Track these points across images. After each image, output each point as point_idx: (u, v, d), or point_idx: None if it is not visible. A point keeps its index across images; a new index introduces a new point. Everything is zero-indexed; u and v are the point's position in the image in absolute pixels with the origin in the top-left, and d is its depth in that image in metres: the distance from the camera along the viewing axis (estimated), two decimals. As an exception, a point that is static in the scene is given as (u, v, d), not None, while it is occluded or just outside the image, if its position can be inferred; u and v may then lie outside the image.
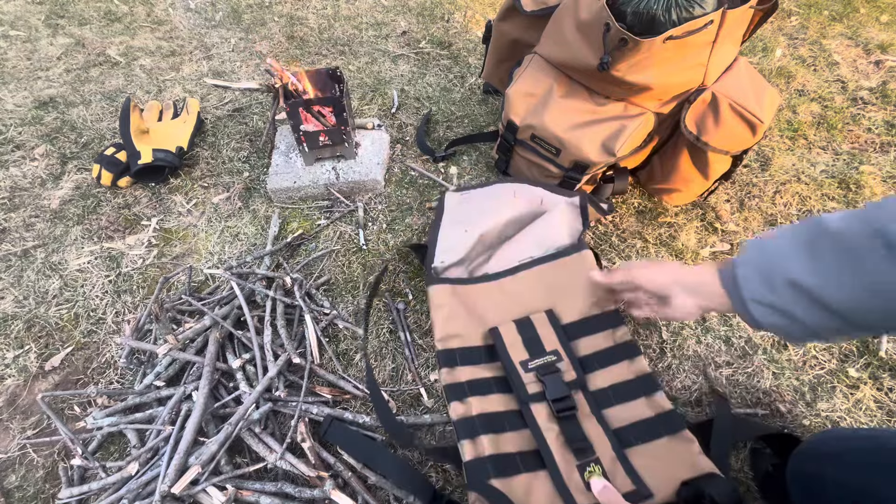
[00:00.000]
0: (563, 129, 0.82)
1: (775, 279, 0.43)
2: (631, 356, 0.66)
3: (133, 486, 0.60)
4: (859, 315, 0.40)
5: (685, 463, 0.57)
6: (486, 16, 1.50)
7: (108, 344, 0.80)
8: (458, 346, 0.70)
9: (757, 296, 0.44)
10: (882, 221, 0.38)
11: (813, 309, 0.41)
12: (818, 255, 0.41)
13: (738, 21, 0.71)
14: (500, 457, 0.59)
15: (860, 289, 0.39)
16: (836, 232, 0.40)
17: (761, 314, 0.44)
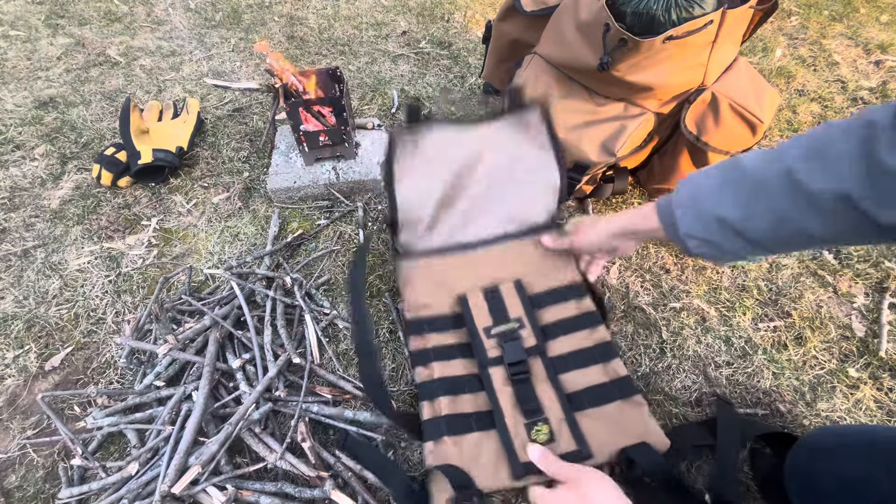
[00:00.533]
0: (563, 130, 0.82)
1: (706, 216, 0.49)
2: (592, 325, 0.69)
3: (133, 486, 0.60)
4: (772, 242, 0.47)
5: (634, 426, 0.60)
6: (486, 16, 1.50)
7: (108, 344, 0.80)
8: (427, 314, 0.72)
9: (691, 231, 0.51)
10: (789, 163, 0.43)
11: (736, 239, 0.48)
12: (739, 193, 0.47)
13: (738, 21, 0.71)
14: (456, 416, 0.62)
15: (773, 221, 0.45)
16: (753, 173, 0.47)
17: (694, 245, 0.51)
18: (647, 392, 0.72)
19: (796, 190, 0.42)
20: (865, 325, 0.79)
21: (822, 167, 0.41)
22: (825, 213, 0.42)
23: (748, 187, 0.47)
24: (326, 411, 0.68)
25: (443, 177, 0.81)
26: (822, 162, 0.41)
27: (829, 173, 0.40)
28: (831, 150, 0.41)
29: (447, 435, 0.60)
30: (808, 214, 0.43)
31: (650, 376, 0.74)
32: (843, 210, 0.40)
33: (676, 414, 0.70)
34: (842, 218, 0.41)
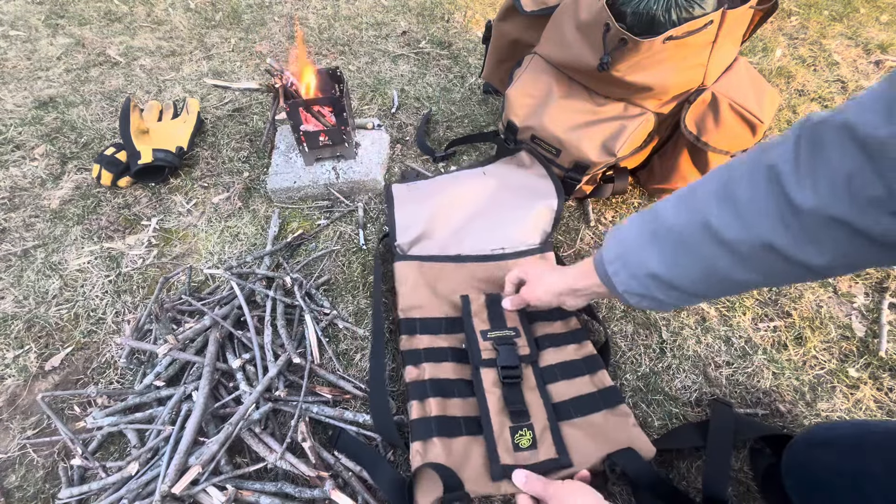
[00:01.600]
0: (563, 130, 0.82)
1: (637, 273, 0.50)
2: (579, 340, 0.72)
3: (133, 486, 0.60)
4: (708, 291, 0.47)
5: (619, 434, 0.61)
6: (486, 16, 1.50)
7: (108, 344, 0.80)
8: (419, 315, 0.74)
9: (627, 288, 0.52)
10: (704, 214, 0.42)
11: (670, 291, 0.48)
12: (664, 248, 0.47)
13: (738, 21, 0.72)
14: (445, 418, 0.63)
15: (702, 273, 0.44)
16: (672, 225, 0.46)
17: (634, 301, 0.52)
18: (647, 392, 0.72)
19: (717, 242, 0.41)
20: (865, 325, 0.79)
21: (735, 216, 0.39)
22: (752, 263, 0.40)
23: (671, 242, 0.46)
24: (326, 411, 0.68)
25: (440, 201, 0.88)
26: (733, 210, 0.40)
27: (744, 222, 0.39)
28: (740, 195, 0.39)
29: (436, 436, 0.61)
30: (736, 266, 0.41)
31: (650, 376, 0.74)
32: (769, 257, 0.39)
33: (676, 414, 0.70)
34: (770, 265, 0.39)
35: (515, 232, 0.85)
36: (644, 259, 0.49)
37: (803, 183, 0.35)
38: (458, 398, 0.66)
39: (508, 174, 0.93)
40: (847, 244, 0.34)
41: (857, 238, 0.34)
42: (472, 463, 0.60)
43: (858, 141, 0.31)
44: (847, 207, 0.33)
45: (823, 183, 0.34)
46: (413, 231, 0.85)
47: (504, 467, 0.59)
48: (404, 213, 0.88)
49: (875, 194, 0.31)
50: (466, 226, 0.87)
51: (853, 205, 0.32)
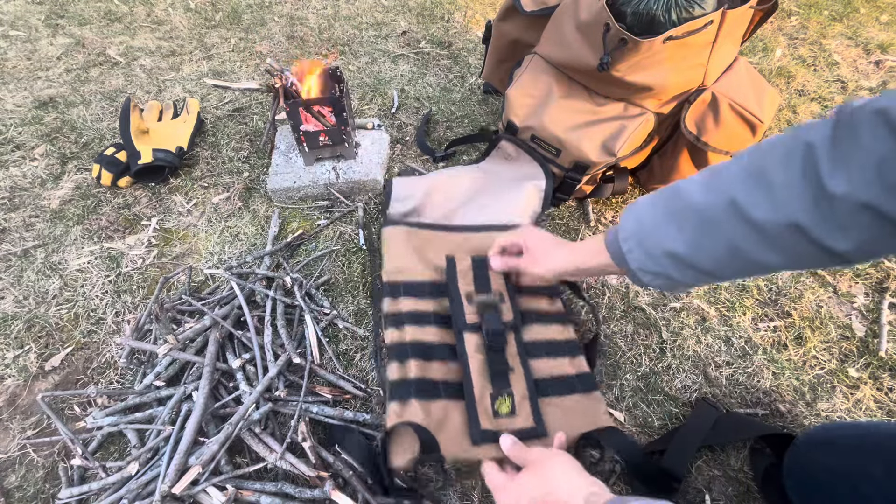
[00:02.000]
0: (563, 130, 0.82)
1: (654, 251, 0.49)
2: (564, 322, 0.73)
3: (133, 486, 0.60)
4: (727, 272, 0.46)
5: (589, 418, 0.63)
6: (486, 16, 1.50)
7: (108, 344, 0.80)
8: (404, 279, 0.74)
9: (642, 265, 0.50)
10: (731, 193, 0.42)
11: (686, 270, 0.47)
12: (685, 226, 0.46)
13: (738, 21, 0.72)
14: (425, 381, 0.63)
15: (725, 253, 0.43)
16: (696, 204, 0.45)
17: (647, 279, 0.51)
18: (647, 392, 0.72)
19: (744, 221, 0.41)
20: (865, 325, 0.79)
21: (767, 196, 0.39)
22: (777, 243, 0.40)
23: (694, 220, 0.45)
24: (326, 411, 0.68)
25: (436, 186, 0.90)
26: (765, 190, 0.39)
27: (774, 202, 0.39)
28: (774, 177, 0.39)
29: (415, 398, 0.61)
30: (760, 245, 0.41)
31: (650, 376, 0.74)
32: (795, 239, 0.38)
33: (676, 414, 0.70)
34: (794, 246, 0.39)
35: (505, 211, 0.86)
36: (662, 237, 0.48)
37: (837, 167, 0.35)
38: (438, 362, 0.66)
39: (501, 170, 0.94)
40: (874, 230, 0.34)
41: (885, 224, 0.34)
42: (451, 426, 0.60)
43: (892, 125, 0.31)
44: (877, 192, 0.33)
45: (856, 168, 0.34)
46: (406, 204, 0.86)
47: (484, 432, 0.59)
48: (400, 188, 0.90)
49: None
50: (459, 207, 0.88)
51: (883, 190, 0.32)
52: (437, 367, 0.66)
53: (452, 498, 0.63)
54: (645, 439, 0.68)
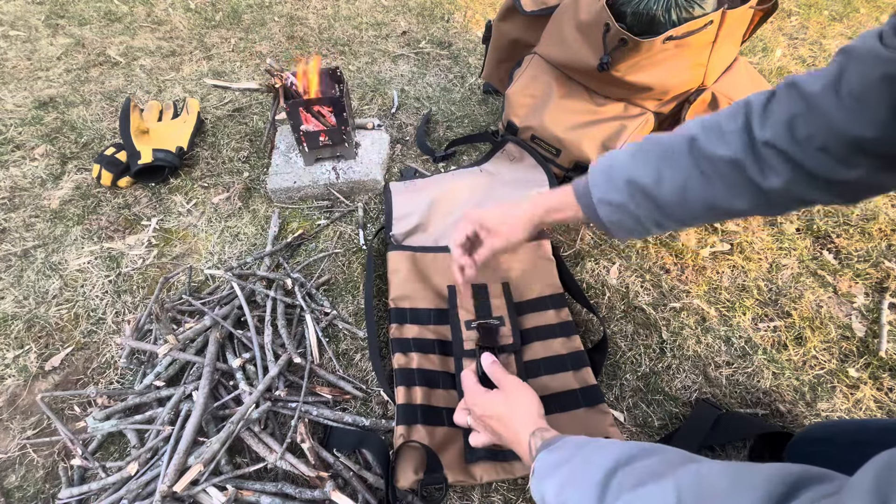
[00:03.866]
0: (563, 130, 0.82)
1: (617, 179, 0.52)
2: (568, 334, 0.73)
3: (133, 486, 0.60)
4: (679, 208, 0.50)
5: (593, 432, 0.63)
6: (486, 16, 1.50)
7: (108, 344, 0.80)
8: (409, 306, 0.76)
9: (603, 195, 0.53)
10: (691, 132, 0.49)
11: (645, 202, 0.51)
12: (649, 158, 0.51)
13: (738, 21, 0.72)
14: (429, 408, 0.65)
15: (680, 185, 0.49)
16: (663, 140, 0.52)
17: (605, 212, 0.53)
18: (647, 392, 0.72)
19: (698, 155, 0.48)
20: (865, 325, 0.79)
21: (718, 136, 0.47)
22: (722, 177, 0.47)
23: (658, 152, 0.51)
24: (326, 413, 0.68)
25: (437, 197, 0.90)
26: (717, 133, 0.47)
27: (723, 141, 0.47)
28: (723, 125, 0.47)
29: (420, 423, 0.63)
30: (709, 178, 0.48)
31: (650, 376, 0.74)
32: (735, 175, 0.46)
33: (676, 414, 0.70)
34: (734, 183, 0.47)
35: None
36: (627, 167, 0.53)
37: (764, 121, 0.44)
38: (441, 389, 0.68)
39: (503, 171, 0.94)
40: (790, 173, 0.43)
41: (796, 169, 0.43)
42: (451, 452, 0.63)
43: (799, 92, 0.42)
44: (788, 142, 0.42)
45: (773, 122, 0.43)
46: (408, 222, 0.86)
47: (475, 450, 0.61)
48: (401, 206, 0.90)
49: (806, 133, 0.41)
50: None
51: (792, 141, 0.42)
52: (440, 394, 0.68)
53: (452, 498, 0.63)
54: (645, 439, 0.68)
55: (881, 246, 0.89)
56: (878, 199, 0.96)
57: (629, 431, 0.69)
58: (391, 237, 0.85)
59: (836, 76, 0.39)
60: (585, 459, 0.42)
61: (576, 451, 0.44)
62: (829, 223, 0.92)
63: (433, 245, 0.84)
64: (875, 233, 0.91)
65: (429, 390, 0.67)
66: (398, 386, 0.67)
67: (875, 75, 0.36)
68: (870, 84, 0.37)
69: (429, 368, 0.69)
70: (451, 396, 0.68)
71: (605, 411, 0.66)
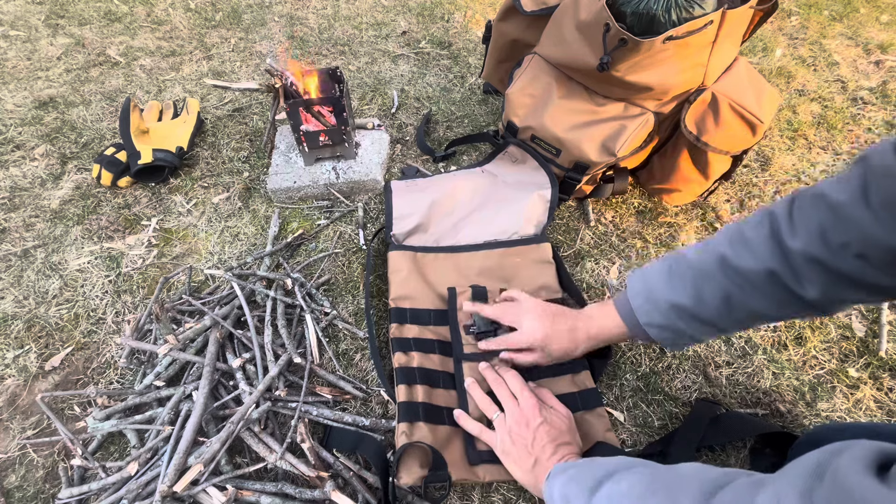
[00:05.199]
0: (563, 130, 0.82)
1: (661, 305, 0.55)
2: None
3: (133, 486, 0.61)
4: (725, 321, 0.52)
5: (591, 435, 0.64)
6: (486, 16, 1.50)
7: (108, 344, 0.80)
8: (409, 306, 0.76)
9: (651, 321, 0.57)
10: (719, 251, 0.51)
11: (691, 322, 0.54)
12: (685, 282, 0.53)
13: (738, 21, 0.71)
14: (430, 406, 0.66)
15: (721, 301, 0.51)
16: (693, 261, 0.54)
17: (655, 333, 0.57)
18: (647, 392, 0.72)
19: (732, 271, 0.49)
20: (865, 325, 0.79)
21: (747, 250, 0.48)
22: (761, 290, 0.48)
23: (692, 274, 0.53)
24: (326, 413, 0.68)
25: (438, 197, 0.89)
26: (745, 247, 0.49)
27: (753, 255, 0.48)
28: (750, 237, 0.49)
29: (423, 421, 0.63)
30: (748, 292, 0.49)
31: (650, 376, 0.74)
32: (773, 286, 0.47)
33: (676, 414, 0.70)
34: (774, 293, 0.47)
35: (509, 222, 0.85)
36: (666, 291, 0.55)
37: (793, 229, 0.45)
38: (442, 389, 0.68)
39: (504, 172, 0.93)
40: (827, 280, 0.44)
41: (832, 275, 0.43)
42: (453, 450, 0.63)
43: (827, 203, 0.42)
44: (821, 250, 0.43)
45: (804, 231, 0.44)
46: (409, 222, 0.86)
47: (480, 452, 0.62)
48: (401, 205, 0.89)
49: (840, 241, 0.41)
50: (462, 220, 0.88)
51: (825, 248, 0.42)
52: (441, 393, 0.68)
53: (452, 498, 0.63)
54: (645, 439, 0.68)
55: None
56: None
57: (629, 431, 0.69)
58: (392, 237, 0.85)
59: (863, 188, 0.39)
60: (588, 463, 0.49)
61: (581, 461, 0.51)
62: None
63: (434, 245, 0.84)
64: (875, 233, 0.91)
65: (430, 389, 0.67)
66: (399, 384, 0.67)
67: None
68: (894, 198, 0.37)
69: (429, 368, 0.70)
70: (451, 396, 0.68)
71: (602, 415, 0.66)
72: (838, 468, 0.27)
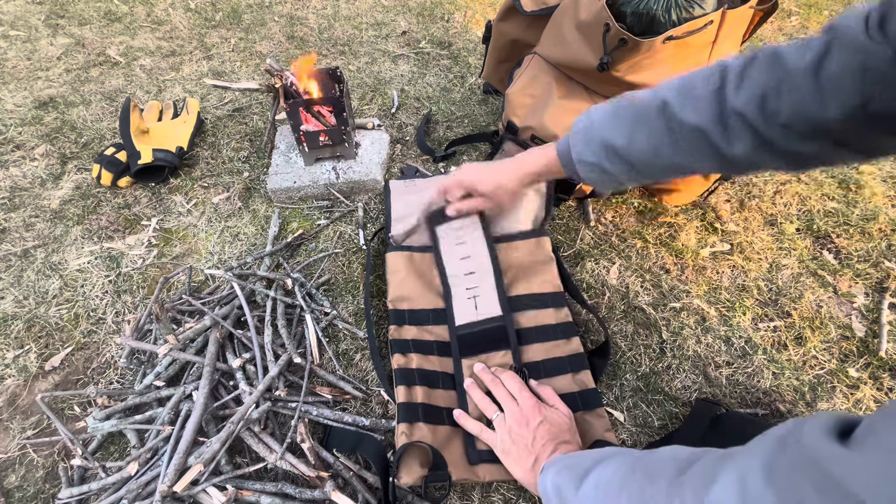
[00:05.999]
0: (563, 130, 0.82)
1: (595, 142, 0.57)
2: (567, 336, 0.72)
3: (133, 486, 0.61)
4: (648, 168, 0.55)
5: (593, 435, 0.64)
6: (486, 16, 1.50)
7: (108, 344, 0.80)
8: (407, 307, 0.76)
9: (581, 156, 0.59)
10: (664, 96, 0.51)
11: (618, 162, 0.56)
12: (624, 121, 0.55)
13: (738, 21, 0.72)
14: (430, 406, 0.66)
15: (650, 149, 0.53)
16: (637, 102, 0.54)
17: (584, 170, 0.59)
18: (647, 392, 0.72)
19: (669, 118, 0.51)
20: (865, 325, 0.79)
21: (690, 103, 0.49)
22: (689, 143, 0.50)
23: (630, 116, 0.55)
24: (326, 413, 0.68)
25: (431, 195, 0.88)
26: (689, 98, 0.49)
27: (693, 109, 0.49)
28: (696, 90, 0.49)
29: (423, 421, 0.63)
30: (676, 145, 0.51)
31: (650, 376, 0.74)
32: (701, 141, 0.49)
33: (676, 414, 0.70)
34: (699, 148, 0.50)
35: (508, 220, 0.85)
36: (604, 130, 0.57)
37: (738, 88, 0.46)
38: (441, 390, 0.69)
39: None
40: (753, 142, 0.46)
41: (759, 139, 0.45)
42: (453, 450, 0.63)
43: (778, 64, 0.43)
44: (756, 114, 0.44)
45: (747, 92, 0.45)
46: (408, 223, 0.86)
47: (480, 452, 0.62)
48: (400, 207, 0.89)
49: (773, 108, 0.43)
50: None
51: (760, 114, 0.44)
52: (440, 394, 0.68)
53: (452, 498, 0.63)
54: (645, 439, 0.68)
55: (881, 246, 0.89)
56: (877, 199, 0.96)
57: (629, 431, 0.69)
58: (390, 237, 0.85)
59: (821, 57, 0.40)
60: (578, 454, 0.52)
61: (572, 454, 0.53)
62: (829, 223, 0.92)
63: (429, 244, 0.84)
64: (875, 233, 0.91)
65: (429, 390, 0.67)
66: (398, 385, 0.67)
67: (854, 63, 0.37)
68: (846, 70, 0.38)
69: (428, 369, 0.70)
70: (450, 396, 0.68)
71: (601, 415, 0.66)
72: (801, 436, 0.28)
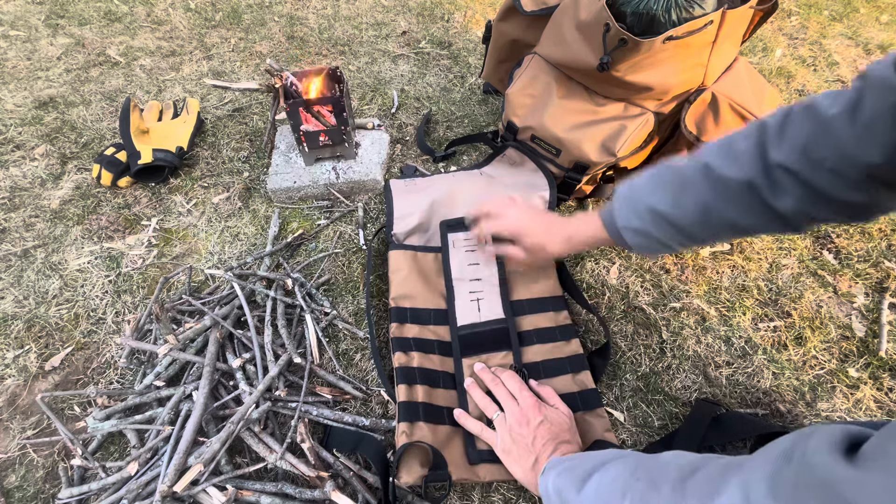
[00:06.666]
0: (563, 130, 0.82)
1: (640, 208, 0.57)
2: (567, 338, 0.73)
3: (133, 486, 0.61)
4: (700, 230, 0.54)
5: (593, 435, 0.64)
6: (486, 16, 1.50)
7: (108, 344, 0.80)
8: (409, 305, 0.76)
9: (628, 223, 0.59)
10: (705, 158, 0.53)
11: (667, 228, 0.56)
12: (667, 187, 0.55)
13: (738, 21, 0.71)
14: (431, 406, 0.66)
15: (699, 209, 0.53)
16: (678, 169, 0.55)
17: (630, 236, 0.59)
18: (647, 392, 0.72)
19: (714, 179, 0.51)
20: (865, 325, 0.79)
21: (731, 161, 0.50)
22: (738, 199, 0.50)
23: (675, 182, 0.55)
24: (326, 413, 0.68)
25: (438, 196, 0.89)
26: (730, 157, 0.50)
27: (736, 165, 0.50)
28: (736, 147, 0.50)
29: (423, 421, 0.63)
30: (726, 201, 0.51)
31: (650, 376, 0.74)
32: (750, 196, 0.49)
33: (676, 414, 0.70)
34: (749, 204, 0.50)
35: None
36: (648, 196, 0.57)
37: (779, 142, 0.46)
38: (442, 389, 0.69)
39: (503, 174, 0.94)
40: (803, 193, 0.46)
41: (808, 189, 0.45)
42: (453, 449, 0.63)
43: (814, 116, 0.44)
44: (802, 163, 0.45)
45: (789, 144, 0.46)
46: (410, 221, 0.86)
47: (481, 452, 0.62)
48: (402, 205, 0.89)
49: (819, 156, 0.43)
50: None
51: (807, 162, 0.44)
52: (441, 393, 0.68)
53: (452, 497, 0.63)
54: (645, 439, 0.68)
55: (881, 246, 0.89)
56: (878, 199, 0.95)
57: (629, 431, 0.69)
58: (392, 236, 0.85)
59: (854, 102, 0.40)
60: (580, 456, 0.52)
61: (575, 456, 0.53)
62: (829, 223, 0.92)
63: (435, 245, 0.84)
64: (875, 233, 0.91)
65: (430, 389, 0.67)
66: (399, 384, 0.67)
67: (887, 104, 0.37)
68: (881, 112, 0.38)
69: (429, 368, 0.70)
70: (451, 396, 0.68)
71: (601, 415, 0.66)
72: (806, 450, 0.27)
